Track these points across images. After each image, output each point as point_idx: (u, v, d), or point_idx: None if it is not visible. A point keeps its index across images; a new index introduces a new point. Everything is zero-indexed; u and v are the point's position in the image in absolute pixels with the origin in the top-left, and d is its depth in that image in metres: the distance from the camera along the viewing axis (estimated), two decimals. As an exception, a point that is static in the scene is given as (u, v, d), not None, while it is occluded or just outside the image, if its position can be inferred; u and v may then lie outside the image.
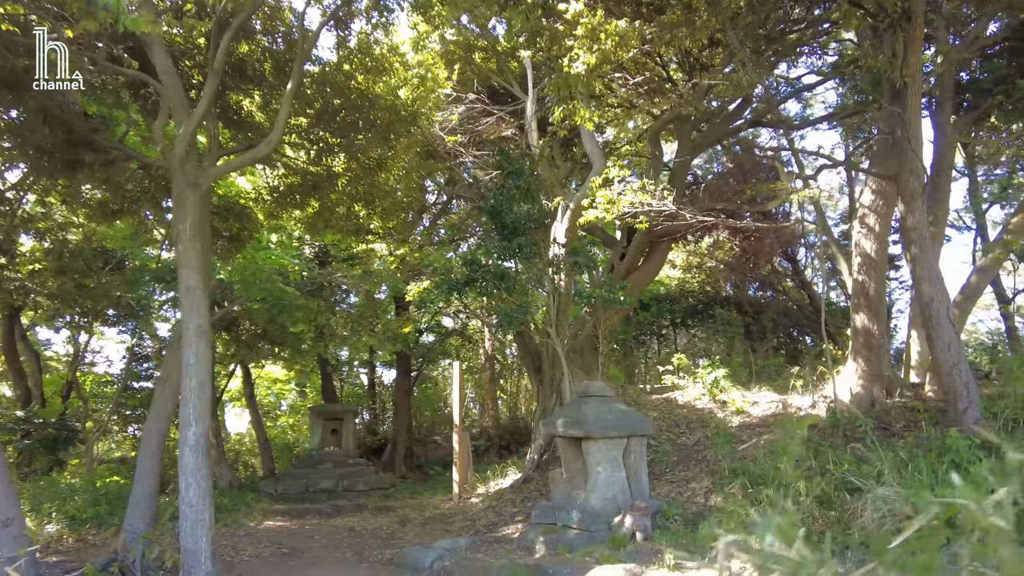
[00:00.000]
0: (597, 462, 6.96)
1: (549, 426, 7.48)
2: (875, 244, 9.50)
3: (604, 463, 6.97)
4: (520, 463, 14.46)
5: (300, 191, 11.83)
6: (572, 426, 7.03)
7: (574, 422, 7.05)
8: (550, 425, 7.47)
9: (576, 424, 6.99)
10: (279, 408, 26.01)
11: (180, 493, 5.53)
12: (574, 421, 7.06)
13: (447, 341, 21.96)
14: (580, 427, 6.91)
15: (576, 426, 6.98)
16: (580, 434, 6.89)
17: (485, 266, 8.83)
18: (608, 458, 7.00)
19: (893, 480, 5.83)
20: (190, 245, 6.24)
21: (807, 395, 10.29)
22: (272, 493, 14.21)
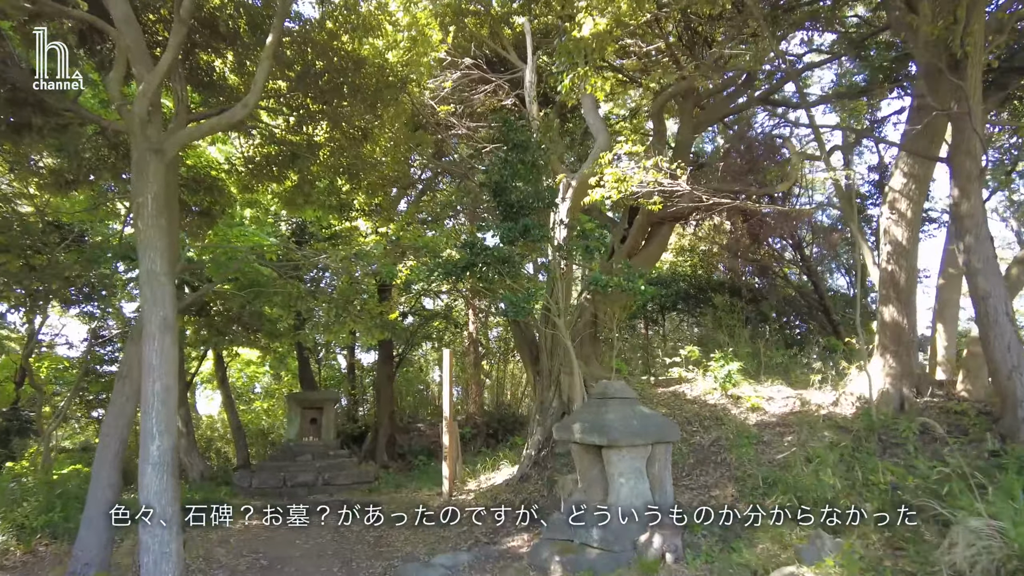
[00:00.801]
0: (620, 473, 6.20)
1: (563, 431, 6.69)
2: (906, 231, 8.82)
3: (627, 474, 6.22)
4: (512, 455, 13.74)
5: (278, 162, 10.79)
6: (592, 432, 6.25)
7: (594, 428, 6.27)
8: (564, 430, 6.68)
9: (597, 430, 6.21)
10: (253, 391, 24.92)
11: (141, 521, 4.64)
12: (594, 427, 6.28)
13: (430, 324, 21.07)
14: (602, 434, 6.14)
15: (597, 433, 6.20)
16: (602, 442, 6.12)
17: (487, 249, 7.96)
18: (632, 468, 6.25)
19: (970, 500, 5.14)
20: (153, 222, 5.27)
21: (825, 391, 9.65)
22: (247, 487, 13.30)
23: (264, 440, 20.62)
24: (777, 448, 8.09)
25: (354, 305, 10.55)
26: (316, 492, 13.20)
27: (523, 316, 7.62)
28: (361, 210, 10.73)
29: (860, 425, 7.69)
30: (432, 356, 24.85)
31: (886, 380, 8.58)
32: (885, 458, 7.03)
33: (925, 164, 8.88)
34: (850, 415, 8.58)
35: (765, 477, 7.05)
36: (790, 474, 6.91)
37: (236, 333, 11.29)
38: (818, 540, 5.26)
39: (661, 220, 13.56)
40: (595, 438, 6.21)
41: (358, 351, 22.41)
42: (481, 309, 22.39)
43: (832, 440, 7.67)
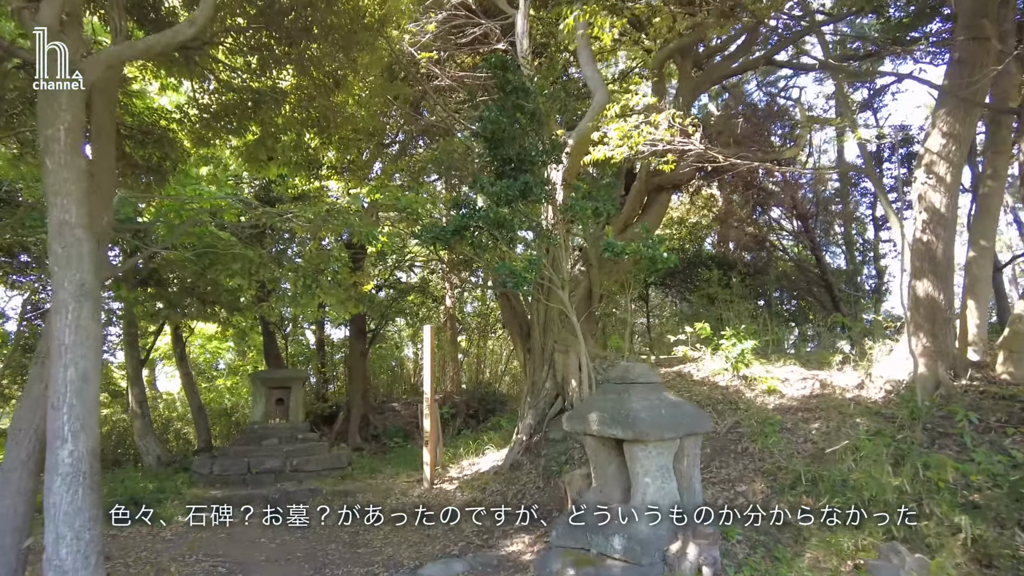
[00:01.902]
0: (645, 471, 5.25)
1: (575, 422, 5.71)
2: (945, 197, 7.97)
3: (654, 472, 5.27)
4: (497, 439, 12.80)
5: (237, 112, 9.51)
6: (614, 424, 5.28)
7: (616, 419, 5.29)
8: (577, 420, 5.69)
9: (620, 422, 5.24)
10: (216, 367, 23.50)
11: (46, 550, 3.53)
12: (616, 418, 5.30)
13: (404, 298, 19.89)
14: (627, 426, 5.16)
15: (620, 424, 5.22)
16: (627, 436, 5.15)
17: (481, 211, 6.87)
18: (659, 465, 5.30)
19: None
20: (67, 160, 4.06)
21: (846, 372, 8.85)
22: (207, 473, 12.13)
23: (228, 420, 19.34)
24: (804, 436, 7.25)
25: (324, 275, 9.37)
26: (284, 479, 12.09)
27: (522, 287, 6.60)
28: (332, 168, 9.51)
29: (903, 412, 6.85)
30: (406, 332, 23.73)
31: (920, 361, 7.78)
32: (935, 450, 6.22)
33: (967, 123, 8.02)
34: (880, 400, 7.79)
35: (803, 472, 6.18)
36: (833, 468, 6.05)
37: (191, 305, 10.00)
38: (894, 555, 4.39)
39: (659, 187, 12.61)
40: (617, 431, 5.24)
41: (328, 326, 21.15)
42: (458, 283, 21.31)
43: (869, 428, 6.84)
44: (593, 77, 10.58)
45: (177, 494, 10.84)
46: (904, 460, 5.99)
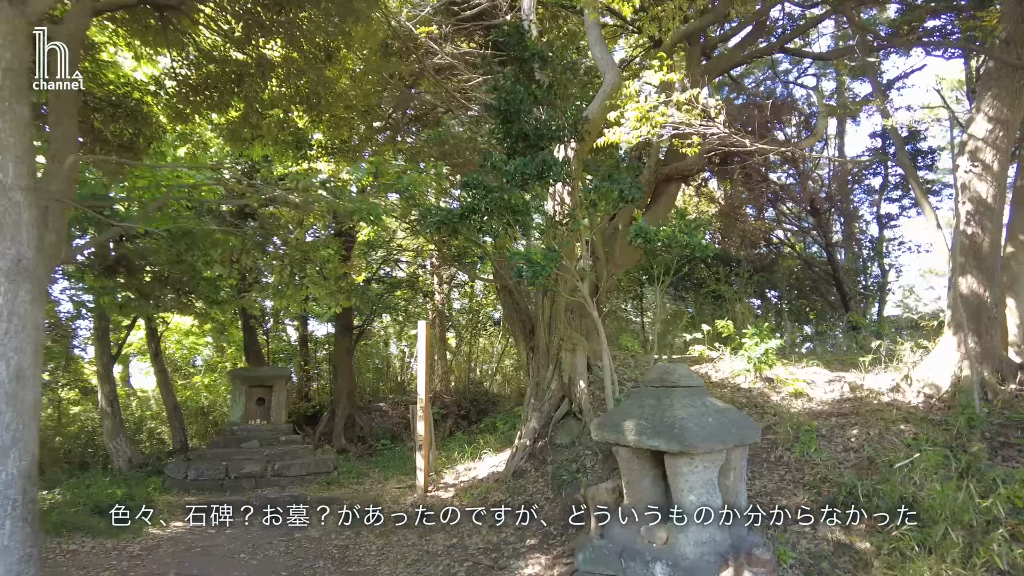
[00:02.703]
0: (690, 487, 4.55)
1: (608, 430, 4.99)
2: (992, 187, 7.37)
3: (699, 488, 4.58)
4: (494, 442, 12.07)
5: (219, 86, 8.72)
6: (655, 434, 4.57)
7: (659, 429, 4.58)
8: (610, 429, 4.98)
9: (664, 432, 4.53)
10: (193, 364, 22.42)
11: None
12: (659, 427, 4.59)
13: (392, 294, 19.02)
14: (672, 437, 4.46)
15: (664, 435, 4.51)
16: (673, 448, 4.44)
17: (494, 193, 6.11)
18: (704, 481, 4.61)
19: None
20: (3, 108, 3.26)
21: (876, 374, 8.24)
22: (182, 478, 11.26)
23: (205, 420, 18.35)
24: (843, 444, 6.61)
25: (313, 265, 8.55)
26: (265, 485, 11.27)
27: (540, 280, 5.87)
28: (322, 148, 8.70)
29: (959, 420, 6.22)
30: (393, 328, 22.85)
31: (963, 364, 7.17)
32: (999, 463, 5.61)
33: (1016, 107, 7.42)
34: (920, 405, 7.18)
35: (852, 485, 5.52)
36: (889, 482, 5.40)
37: (165, 296, 9.09)
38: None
39: (668, 177, 11.94)
40: (659, 442, 4.53)
41: (312, 322, 20.21)
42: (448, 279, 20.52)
43: (918, 437, 6.21)
44: (603, 58, 9.88)
45: (148, 502, 9.96)
46: (968, 474, 5.36)
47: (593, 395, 9.02)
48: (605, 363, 6.53)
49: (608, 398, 6.34)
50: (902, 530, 4.73)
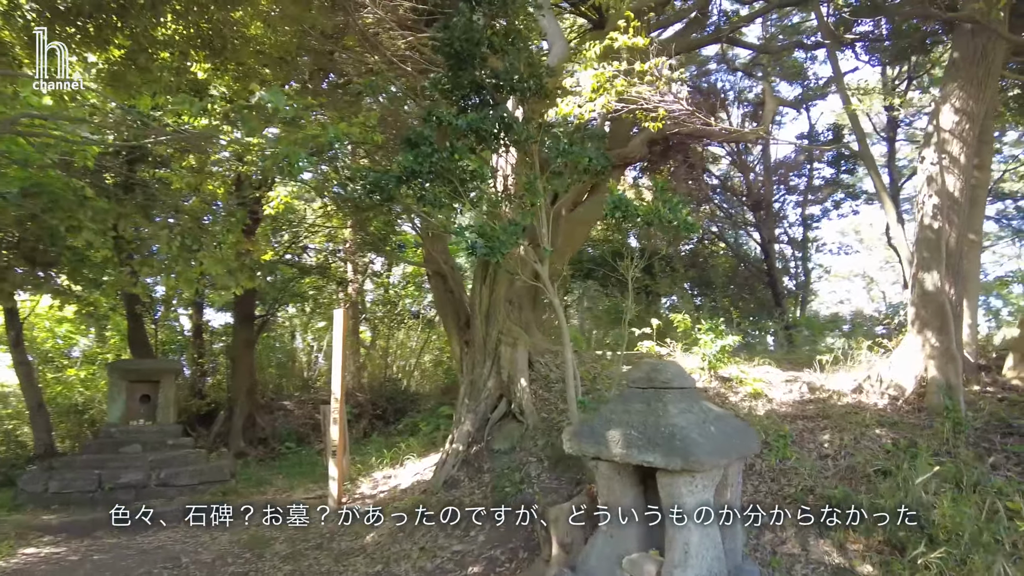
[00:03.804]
0: (687, 510, 3.71)
1: (586, 441, 4.07)
2: (959, 180, 7.05)
3: (696, 512, 3.74)
4: (416, 445, 10.94)
5: (98, 16, 7.15)
6: (649, 447, 3.70)
7: (653, 440, 3.71)
8: (587, 441, 4.07)
9: (661, 444, 3.67)
10: (68, 355, 19.74)
11: None
12: (653, 438, 3.72)
13: (299, 282, 17.39)
14: (674, 451, 3.60)
15: (662, 448, 3.65)
16: (674, 464, 3.58)
17: (441, 154, 5.05)
18: (700, 502, 3.79)
19: None
20: None
21: (837, 374, 7.82)
22: (41, 491, 9.45)
23: (79, 419, 16.06)
24: (816, 451, 6.04)
25: (210, 233, 7.11)
26: (148, 496, 9.60)
27: (498, 256, 4.90)
28: (226, 102, 7.32)
29: (945, 425, 5.77)
30: (299, 320, 21.11)
31: (928, 363, 6.81)
32: (989, 470, 5.15)
33: (980, 99, 7.15)
34: (887, 407, 6.76)
35: (844, 498, 4.89)
36: (890, 496, 4.80)
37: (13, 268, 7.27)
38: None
39: (609, 164, 11.23)
40: (656, 457, 3.66)
41: (208, 312, 18.18)
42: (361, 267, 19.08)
43: (897, 443, 5.72)
44: (552, 29, 9.03)
45: (-8, 522, 8.21)
46: (967, 486, 4.85)
47: (536, 394, 8.14)
48: (567, 360, 5.64)
49: (571, 400, 5.46)
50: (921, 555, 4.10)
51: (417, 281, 19.91)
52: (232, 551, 7.23)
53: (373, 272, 19.52)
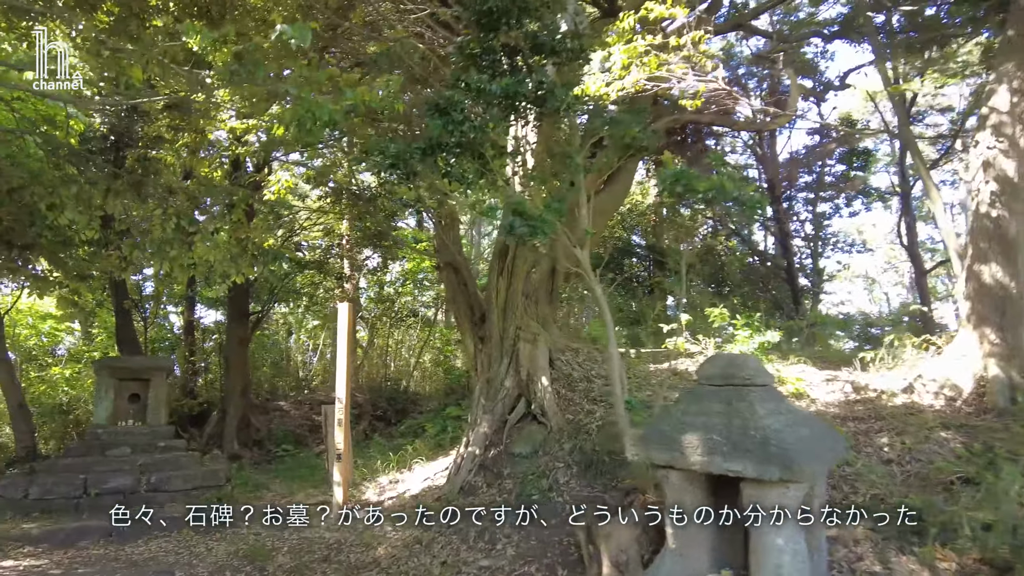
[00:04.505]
0: (779, 525, 3.15)
1: (656, 448, 3.51)
2: (1020, 164, 6.56)
3: (787, 528, 3.19)
4: (424, 448, 10.34)
5: (84, -24, 6.56)
6: (740, 453, 3.15)
7: (742, 445, 3.16)
8: (658, 446, 3.50)
9: (754, 450, 3.12)
10: (54, 353, 18.96)
11: None
12: (742, 442, 3.17)
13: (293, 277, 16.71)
14: (770, 458, 3.05)
15: (755, 455, 3.10)
16: (771, 473, 3.02)
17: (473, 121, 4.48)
18: (793, 515, 3.23)
19: None
20: None
21: (882, 373, 7.31)
22: (21, 497, 8.78)
23: (64, 420, 15.33)
24: (876, 455, 5.51)
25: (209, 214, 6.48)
26: (137, 503, 8.77)
27: (541, 236, 4.34)
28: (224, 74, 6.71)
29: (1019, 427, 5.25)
30: (294, 317, 20.43)
31: (987, 362, 6.32)
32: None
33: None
34: (944, 408, 6.25)
35: (930, 509, 4.35)
36: (974, 506, 4.27)
37: None
38: None
39: (627, 151, 10.68)
40: (748, 465, 3.10)
41: (200, 308, 17.47)
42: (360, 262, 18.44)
43: (973, 449, 5.19)
44: None
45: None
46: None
47: (558, 394, 7.57)
48: (613, 356, 5.06)
49: (618, 401, 4.88)
50: None
51: (416, 278, 19.33)
52: (231, 563, 6.63)
53: (370, 269, 18.90)
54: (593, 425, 6.70)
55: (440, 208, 7.63)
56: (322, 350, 19.88)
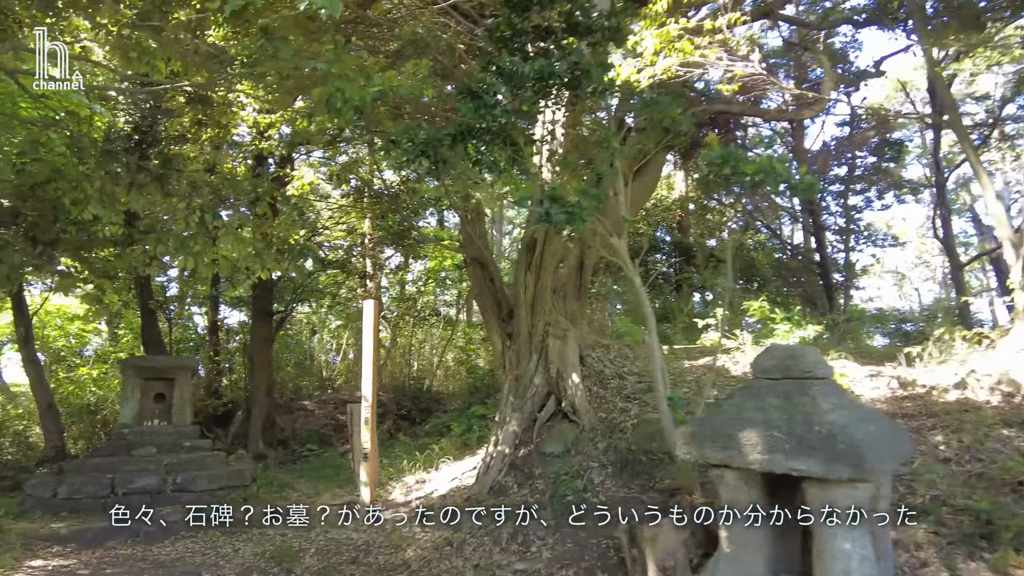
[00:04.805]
0: (845, 532, 2.91)
1: (710, 446, 3.28)
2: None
3: (855, 531, 2.95)
4: (450, 447, 10.17)
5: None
6: (804, 450, 2.91)
7: (807, 442, 2.93)
8: (712, 444, 3.27)
9: (819, 448, 2.88)
10: (82, 353, 19.14)
11: None
12: (806, 439, 2.94)
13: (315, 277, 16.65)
14: (838, 457, 2.81)
15: (822, 452, 2.86)
16: (841, 472, 2.79)
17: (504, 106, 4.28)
18: (861, 517, 2.98)
19: None
20: None
21: (931, 368, 6.98)
22: (49, 497, 8.77)
23: (91, 420, 15.44)
24: (932, 453, 5.21)
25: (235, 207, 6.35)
26: (163, 503, 8.83)
27: (578, 225, 4.12)
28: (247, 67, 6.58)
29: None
30: (317, 317, 20.43)
31: (1048, 356, 5.99)
32: None
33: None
34: (1001, 404, 5.92)
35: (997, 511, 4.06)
36: None
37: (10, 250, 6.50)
38: None
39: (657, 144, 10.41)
40: (814, 464, 2.86)
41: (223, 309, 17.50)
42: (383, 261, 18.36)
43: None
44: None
45: (-5, 531, 7.53)
46: None
47: (589, 391, 7.35)
48: (654, 350, 4.82)
49: (661, 397, 4.65)
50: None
51: (438, 277, 19.23)
52: (258, 565, 6.50)
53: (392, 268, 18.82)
54: (628, 423, 6.47)
55: (466, 202, 7.44)
56: (344, 350, 19.87)
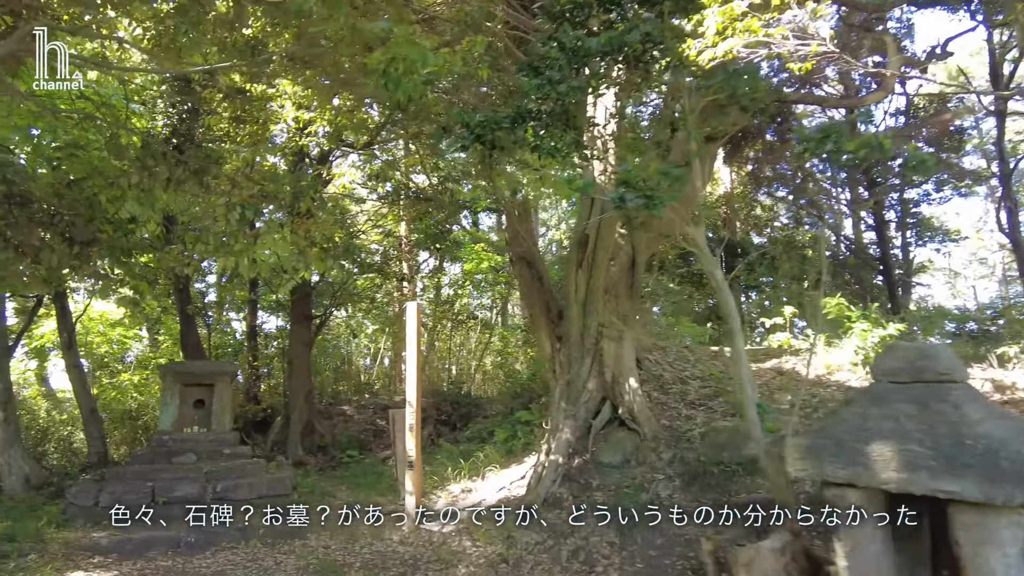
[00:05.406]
0: (1007, 564, 2.41)
1: (831, 461, 2.82)
2: None
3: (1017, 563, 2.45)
4: (496, 455, 9.74)
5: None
6: (953, 469, 2.44)
7: (957, 458, 2.45)
8: (834, 459, 2.81)
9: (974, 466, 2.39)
10: (124, 359, 19.32)
11: None
12: (956, 456, 2.46)
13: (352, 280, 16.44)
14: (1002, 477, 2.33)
15: (977, 471, 2.38)
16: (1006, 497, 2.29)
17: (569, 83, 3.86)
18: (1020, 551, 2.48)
19: None
20: None
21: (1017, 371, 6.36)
22: (91, 505, 8.60)
23: (133, 425, 15.49)
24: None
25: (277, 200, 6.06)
26: (203, 512, 8.59)
27: (659, 210, 3.70)
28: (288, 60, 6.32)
29: None
30: (354, 322, 20.30)
31: None
32: None
33: None
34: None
35: None
36: None
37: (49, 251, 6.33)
38: None
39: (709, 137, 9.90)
40: (967, 486, 2.39)
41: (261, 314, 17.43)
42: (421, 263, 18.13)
43: None
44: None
45: (38, 539, 7.36)
46: None
47: (649, 397, 6.89)
48: (739, 352, 4.33)
49: (749, 404, 4.18)
50: None
51: (475, 280, 18.93)
52: (300, 580, 6.18)
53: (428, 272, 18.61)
54: (695, 432, 6.00)
55: (513, 197, 7.06)
56: (382, 354, 19.70)
